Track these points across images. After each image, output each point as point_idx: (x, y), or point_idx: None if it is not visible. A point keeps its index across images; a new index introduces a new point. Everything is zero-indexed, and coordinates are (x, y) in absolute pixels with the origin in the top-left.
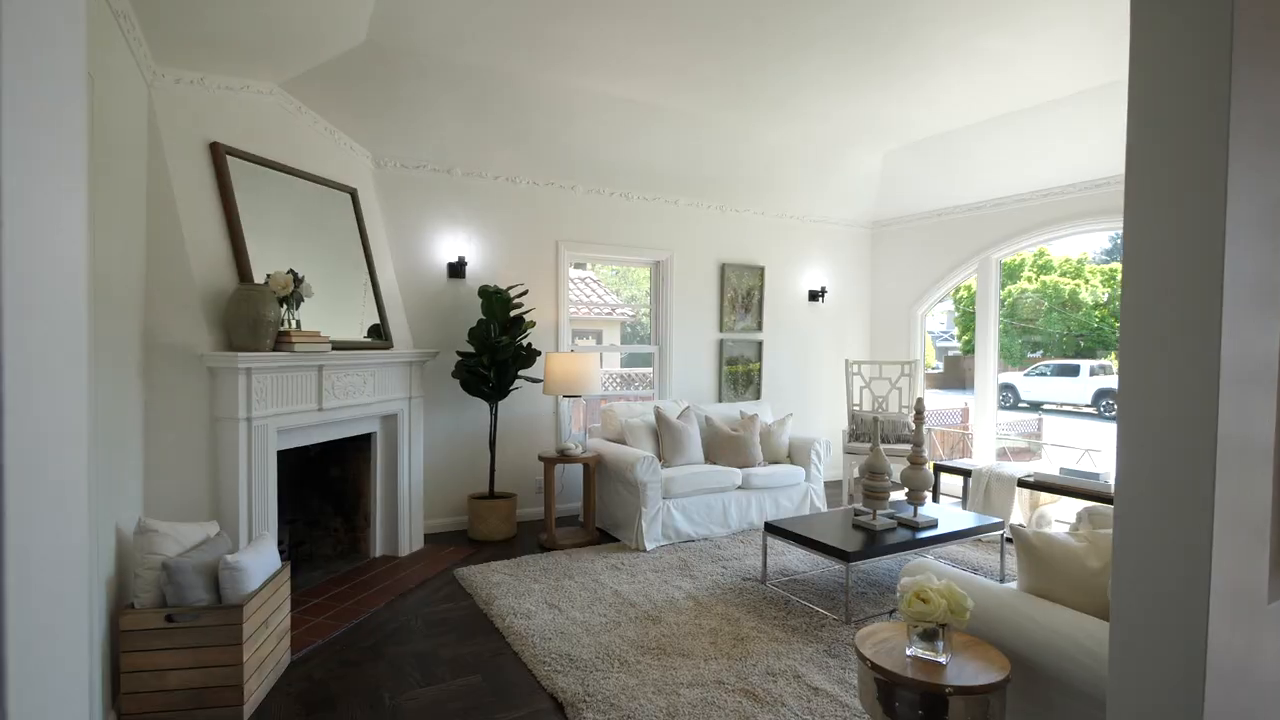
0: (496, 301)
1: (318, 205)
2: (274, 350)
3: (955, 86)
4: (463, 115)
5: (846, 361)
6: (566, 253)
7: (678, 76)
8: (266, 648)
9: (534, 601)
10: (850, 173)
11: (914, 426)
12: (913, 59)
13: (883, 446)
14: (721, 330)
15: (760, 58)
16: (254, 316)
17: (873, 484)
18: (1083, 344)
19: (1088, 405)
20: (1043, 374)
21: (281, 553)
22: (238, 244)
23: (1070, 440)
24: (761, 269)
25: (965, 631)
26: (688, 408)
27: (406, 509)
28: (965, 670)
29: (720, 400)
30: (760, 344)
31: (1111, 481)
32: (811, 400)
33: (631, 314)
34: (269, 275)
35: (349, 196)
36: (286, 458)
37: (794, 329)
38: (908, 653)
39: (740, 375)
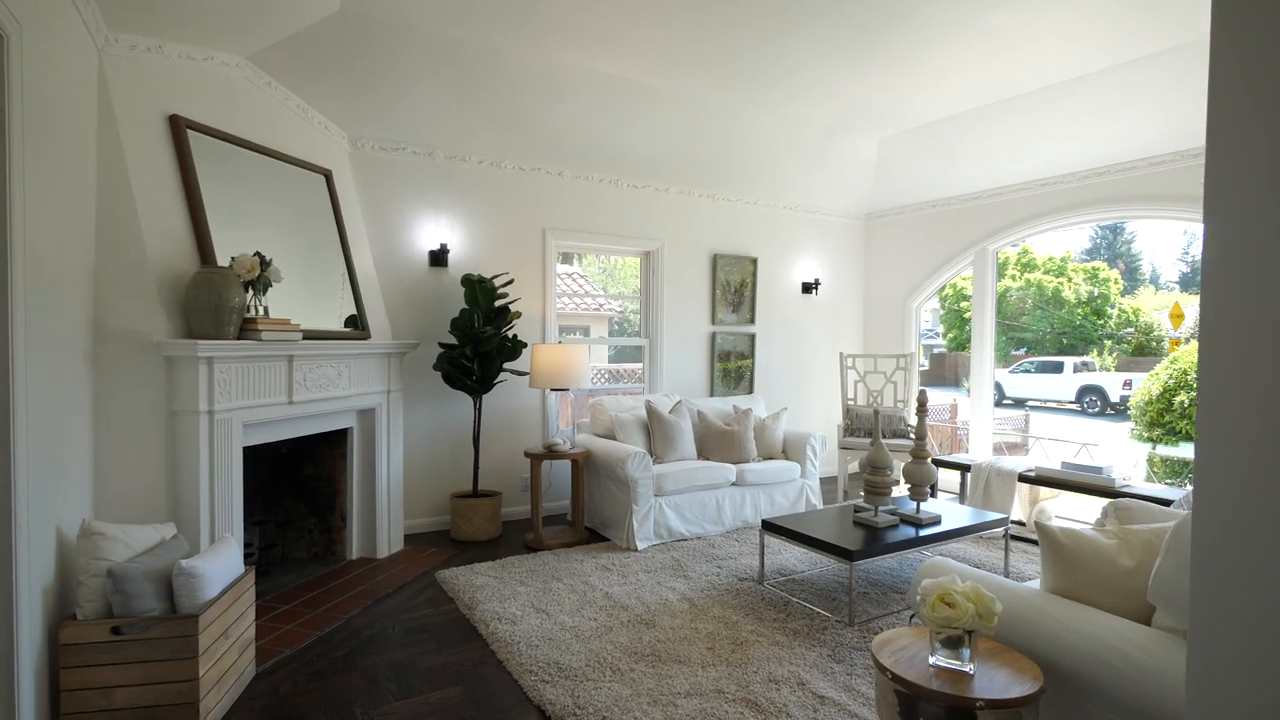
0: (480, 290)
1: (289, 187)
2: (239, 338)
3: (956, 68)
4: (445, 94)
5: (841, 355)
6: (553, 241)
7: (670, 55)
8: (227, 660)
9: (520, 605)
10: (845, 161)
11: (917, 419)
12: (914, 37)
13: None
14: (713, 323)
15: (755, 35)
16: (216, 302)
17: (875, 479)
18: (1065, 341)
19: (1071, 401)
20: (1027, 371)
21: (249, 555)
22: (199, 224)
23: (1065, 435)
24: (754, 260)
25: (988, 636)
26: (680, 402)
27: (385, 508)
28: (994, 681)
29: (712, 394)
30: (753, 337)
31: (1116, 475)
32: (805, 395)
33: (620, 308)
34: (233, 258)
35: (323, 179)
36: (255, 455)
37: (787, 322)
38: (930, 662)
39: (732, 369)
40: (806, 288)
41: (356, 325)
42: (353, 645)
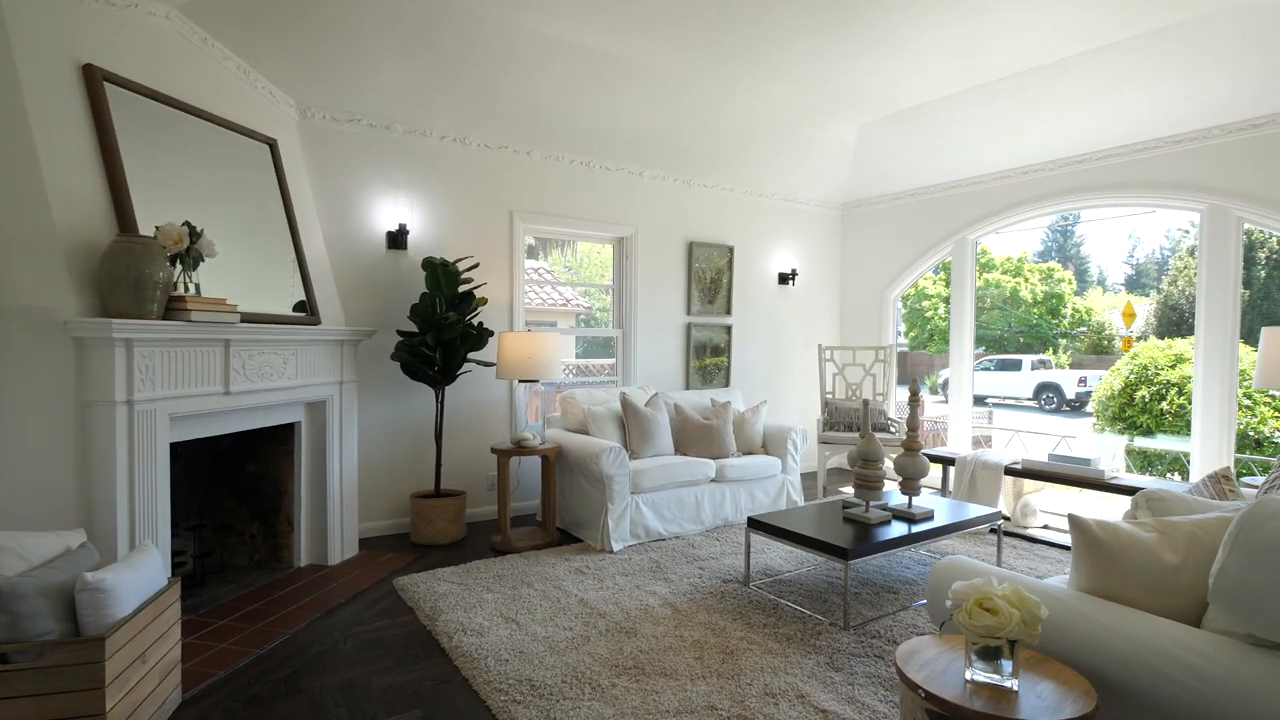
0: (443, 274)
1: (229, 157)
2: (164, 319)
3: (940, 48)
4: (405, 61)
5: (820, 347)
6: (521, 224)
7: (649, 25)
8: (144, 688)
9: (487, 615)
10: (824, 148)
11: (908, 409)
12: (899, 13)
13: (854, 434)
14: (689, 313)
15: (738, 7)
16: (136, 276)
17: (867, 472)
18: (1023, 340)
19: (1029, 398)
20: (986, 368)
21: (181, 564)
22: (117, 187)
23: (1030, 430)
24: (731, 249)
25: (1030, 646)
26: (656, 394)
27: (337, 510)
28: (1042, 698)
29: (688, 387)
30: (729, 328)
31: (1105, 468)
32: (782, 388)
33: (587, 305)
34: (158, 227)
35: (267, 149)
36: (189, 451)
37: (764, 313)
38: (967, 677)
39: (709, 361)
40: (783, 278)
41: (307, 311)
42: (297, 664)
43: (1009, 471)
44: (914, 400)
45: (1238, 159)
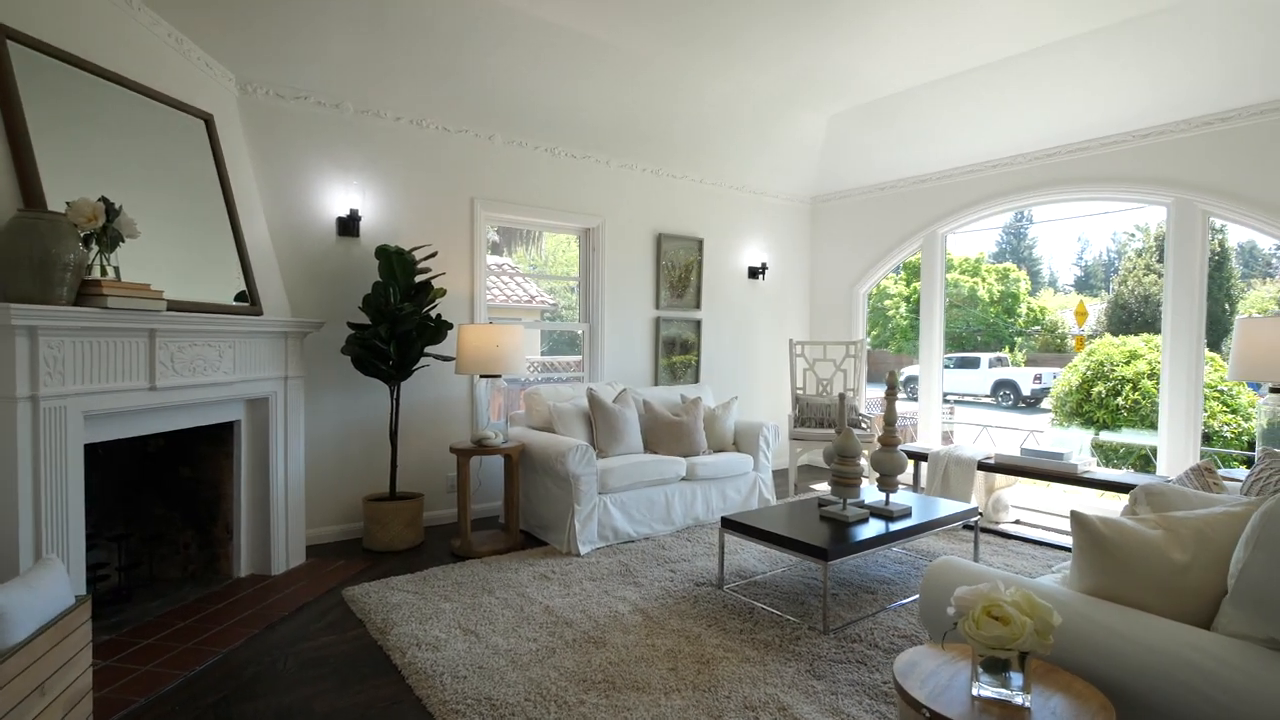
0: (398, 262)
1: (158, 132)
2: (76, 304)
3: (910, 30)
4: (356, 35)
5: (790, 342)
6: (483, 213)
7: (620, 2)
8: None
9: (444, 626)
10: (794, 138)
11: (885, 403)
12: None
13: (825, 430)
14: (658, 308)
15: None
16: (42, 256)
17: (844, 469)
18: (980, 338)
19: (986, 395)
20: (947, 366)
21: (104, 578)
22: (20, 156)
23: (990, 425)
24: (700, 242)
25: (1040, 657)
26: (624, 390)
27: (282, 516)
28: (1056, 714)
29: (657, 383)
30: (699, 323)
31: (1077, 461)
32: (751, 383)
33: (553, 301)
34: (69, 203)
35: (202, 125)
36: (111, 454)
37: (733, 308)
38: (973, 692)
39: (677, 359)
40: (753, 272)
41: (249, 301)
42: (231, 687)
43: (982, 466)
44: (891, 394)
45: (1203, 153)
